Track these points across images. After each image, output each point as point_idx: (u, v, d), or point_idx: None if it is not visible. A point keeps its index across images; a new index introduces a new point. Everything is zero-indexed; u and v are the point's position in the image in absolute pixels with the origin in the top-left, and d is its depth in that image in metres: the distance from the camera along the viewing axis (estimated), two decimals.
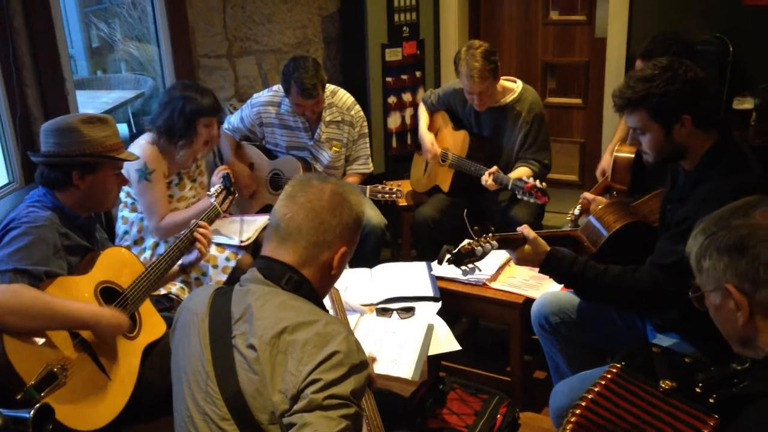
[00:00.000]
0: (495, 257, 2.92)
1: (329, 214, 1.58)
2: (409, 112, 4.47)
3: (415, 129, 3.92)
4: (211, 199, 2.77)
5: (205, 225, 2.51)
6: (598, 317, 2.43)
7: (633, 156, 2.92)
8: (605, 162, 3.33)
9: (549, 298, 2.55)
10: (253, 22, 4.07)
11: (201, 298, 1.61)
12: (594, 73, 4.43)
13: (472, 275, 2.52)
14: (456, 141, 3.61)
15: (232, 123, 3.67)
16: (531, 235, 2.27)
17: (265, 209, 3.60)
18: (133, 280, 2.25)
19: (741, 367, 1.49)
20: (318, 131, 3.56)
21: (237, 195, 3.05)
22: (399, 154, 4.43)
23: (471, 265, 2.34)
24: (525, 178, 3.11)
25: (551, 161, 3.48)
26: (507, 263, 2.98)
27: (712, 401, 1.56)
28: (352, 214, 1.62)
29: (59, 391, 1.90)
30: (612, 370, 1.77)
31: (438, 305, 2.72)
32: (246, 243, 3.05)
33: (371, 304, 2.77)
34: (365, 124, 3.69)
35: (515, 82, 3.49)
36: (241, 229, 3.10)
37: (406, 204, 3.87)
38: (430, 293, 2.80)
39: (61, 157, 2.17)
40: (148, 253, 2.96)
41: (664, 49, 2.85)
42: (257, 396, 1.43)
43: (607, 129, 4.29)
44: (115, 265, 2.28)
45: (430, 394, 2.77)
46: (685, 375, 1.68)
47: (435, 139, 3.72)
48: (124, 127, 4.75)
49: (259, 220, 3.23)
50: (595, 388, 1.72)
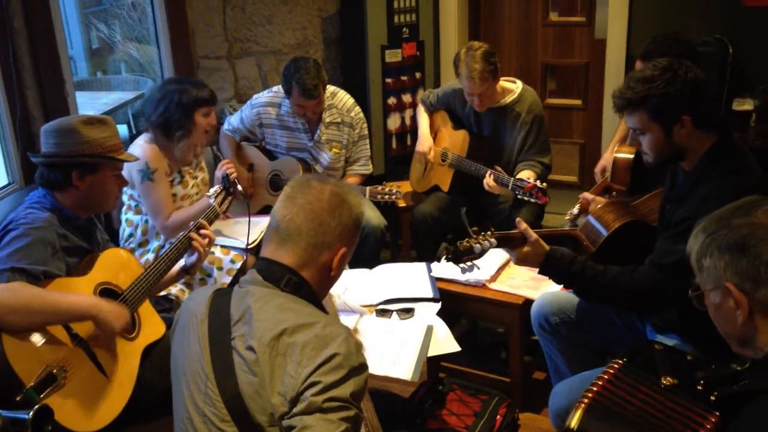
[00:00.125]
0: (494, 258, 2.92)
1: (329, 216, 1.58)
2: (408, 113, 4.47)
3: (415, 130, 3.91)
4: (210, 199, 2.77)
5: (205, 225, 2.51)
6: (597, 318, 2.43)
7: (632, 156, 2.92)
8: (605, 160, 3.33)
9: (549, 299, 2.55)
10: (253, 24, 4.07)
11: (200, 300, 1.61)
12: (594, 75, 4.44)
13: (471, 274, 2.52)
14: (456, 141, 3.61)
15: (232, 124, 3.67)
16: (532, 237, 2.27)
17: (265, 210, 3.59)
18: (132, 281, 2.25)
19: (741, 368, 1.49)
20: (318, 132, 3.56)
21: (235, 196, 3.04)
22: (399, 155, 4.43)
23: (470, 263, 2.33)
24: (525, 178, 3.11)
25: (552, 162, 3.48)
26: (506, 264, 2.98)
27: (713, 399, 1.56)
28: (352, 216, 1.62)
29: (58, 392, 1.89)
30: (614, 365, 1.76)
31: (437, 306, 2.72)
32: (252, 245, 3.04)
33: (371, 305, 2.77)
34: (365, 125, 3.69)
35: (515, 82, 3.49)
36: (246, 231, 3.10)
37: (406, 205, 3.87)
38: (430, 294, 2.79)
39: (61, 158, 2.17)
40: (151, 255, 2.95)
41: (664, 50, 2.85)
42: (256, 398, 1.43)
43: (607, 130, 4.29)
44: (114, 266, 2.27)
45: (429, 395, 2.77)
46: (687, 373, 1.69)
47: (434, 138, 3.72)
48: (123, 128, 4.74)
49: (263, 222, 3.22)
50: (598, 382, 1.72)
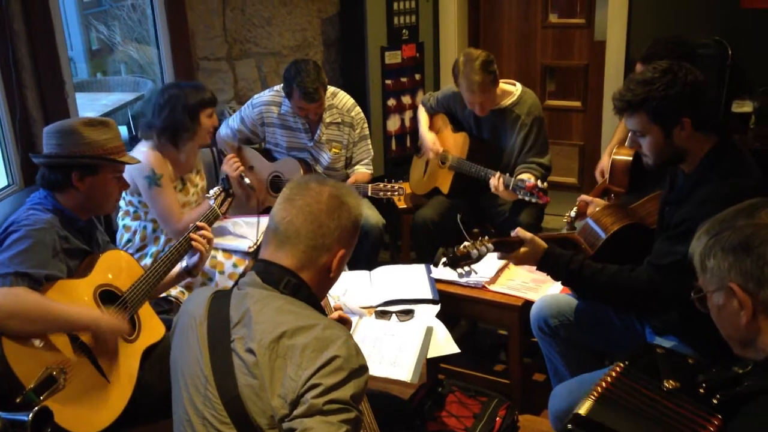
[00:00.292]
0: (493, 260, 2.92)
1: (327, 218, 1.58)
2: (408, 114, 4.48)
3: (415, 131, 3.92)
4: (210, 201, 2.77)
5: (204, 226, 2.51)
6: (596, 320, 2.43)
7: (631, 159, 2.92)
8: (604, 163, 3.34)
9: (548, 301, 2.55)
10: (252, 25, 4.08)
11: (199, 302, 1.61)
12: (593, 76, 4.44)
13: (469, 278, 2.52)
14: (456, 143, 3.61)
15: (231, 126, 3.67)
16: (527, 237, 2.27)
17: (266, 211, 3.59)
18: (132, 283, 2.25)
19: (743, 371, 1.49)
20: (318, 132, 3.56)
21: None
22: (398, 157, 4.43)
23: (467, 268, 2.34)
24: (526, 179, 3.11)
25: (551, 163, 3.48)
26: (506, 266, 2.98)
27: (715, 402, 1.56)
28: (351, 217, 1.62)
29: (58, 394, 1.89)
30: (616, 368, 1.76)
31: (437, 308, 2.72)
32: (252, 249, 3.03)
33: (370, 307, 2.76)
34: (365, 125, 3.69)
35: (514, 85, 3.49)
36: (246, 234, 3.10)
37: (406, 206, 3.87)
38: (429, 296, 2.79)
39: (62, 158, 2.17)
40: (149, 260, 2.95)
41: (665, 53, 2.85)
42: (256, 400, 1.43)
43: (606, 132, 4.29)
44: (114, 268, 2.27)
45: (429, 396, 2.76)
46: (689, 376, 1.68)
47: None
48: (123, 130, 4.75)
49: (263, 222, 3.21)
50: (607, 379, 1.71)
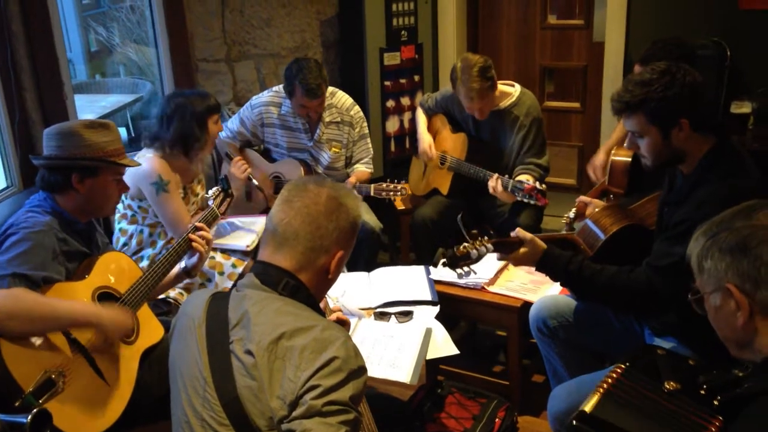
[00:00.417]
0: (493, 261, 2.92)
1: (326, 219, 1.58)
2: (407, 115, 4.48)
3: (414, 132, 3.92)
4: (209, 201, 2.77)
5: (203, 226, 2.51)
6: (596, 321, 2.43)
7: (629, 159, 2.92)
8: (599, 160, 3.33)
9: (547, 302, 2.55)
10: (251, 27, 4.08)
11: (198, 303, 1.61)
12: (592, 78, 4.44)
13: (468, 278, 2.52)
14: (455, 144, 3.61)
15: (231, 128, 3.67)
16: (527, 237, 2.28)
17: (266, 211, 3.59)
18: (131, 284, 2.25)
19: (742, 374, 1.49)
20: (318, 132, 3.56)
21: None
22: (397, 158, 4.43)
23: (466, 268, 2.34)
24: (525, 180, 3.11)
25: (549, 163, 3.48)
26: (505, 267, 2.98)
27: (716, 403, 1.56)
28: (349, 219, 1.62)
29: (57, 397, 1.89)
30: (617, 370, 1.76)
31: (436, 309, 2.72)
32: (251, 248, 3.03)
33: (369, 308, 2.76)
34: (365, 124, 3.70)
35: (513, 86, 3.49)
36: (244, 234, 3.09)
37: (405, 208, 3.87)
38: (429, 297, 2.79)
39: (62, 160, 2.17)
40: (146, 263, 2.95)
41: (663, 54, 2.85)
42: (255, 402, 1.43)
43: (605, 133, 4.29)
44: (113, 270, 2.27)
45: (428, 398, 2.76)
46: (689, 377, 1.69)
47: (434, 141, 3.72)
48: (122, 131, 4.76)
49: (260, 223, 3.21)
50: (608, 380, 1.72)
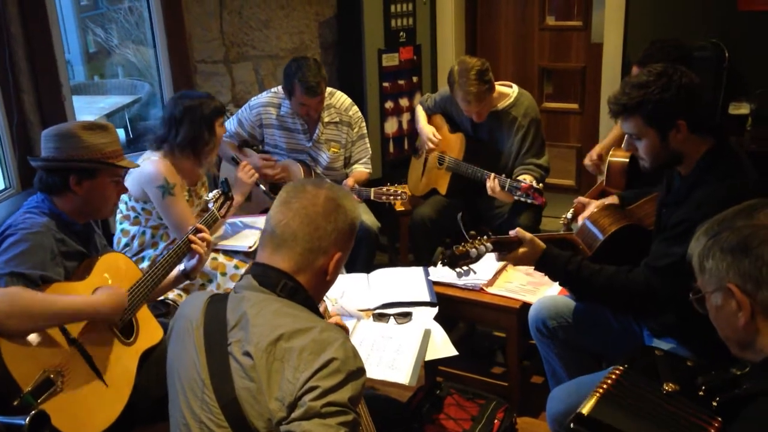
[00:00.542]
0: (492, 262, 2.92)
1: (324, 220, 1.58)
2: (406, 117, 4.48)
3: (413, 134, 3.92)
4: (209, 204, 2.77)
5: (203, 228, 2.51)
6: (595, 322, 2.43)
7: (627, 161, 2.93)
8: (596, 150, 3.35)
9: (546, 303, 2.55)
10: (249, 28, 4.08)
11: (196, 305, 1.61)
12: (590, 79, 4.45)
13: (468, 278, 2.52)
14: (453, 144, 3.61)
15: (229, 130, 3.66)
16: (527, 237, 2.28)
17: (266, 213, 3.58)
18: (130, 286, 2.25)
19: (741, 372, 1.49)
20: (317, 132, 3.56)
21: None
22: (396, 159, 4.43)
23: (466, 267, 2.34)
24: (522, 180, 3.11)
25: (549, 163, 3.48)
26: (504, 268, 2.98)
27: (715, 404, 1.56)
28: (347, 220, 1.62)
29: (55, 397, 1.89)
30: (615, 371, 1.77)
31: (435, 310, 2.72)
32: (253, 248, 3.03)
33: (368, 310, 2.77)
34: (364, 124, 3.70)
35: (511, 87, 3.49)
36: (248, 235, 3.09)
37: (404, 209, 3.87)
38: (427, 298, 2.79)
39: (59, 162, 2.17)
40: (147, 264, 2.94)
41: (661, 55, 2.86)
42: (254, 403, 1.43)
43: (604, 134, 4.28)
44: (113, 271, 2.27)
45: (427, 399, 2.76)
46: (688, 378, 1.69)
47: None
48: (121, 133, 4.76)
49: (261, 222, 3.21)
50: (608, 381, 1.72)
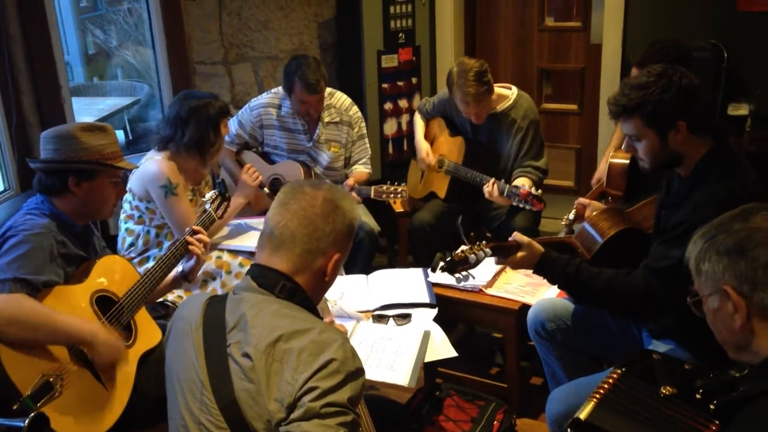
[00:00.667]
0: (490, 264, 2.92)
1: (322, 221, 1.58)
2: (405, 118, 4.48)
3: (412, 135, 3.92)
4: (206, 205, 2.77)
5: (200, 230, 2.51)
6: (593, 324, 2.43)
7: (628, 162, 2.93)
8: (601, 171, 3.34)
9: (545, 305, 2.55)
10: (249, 29, 4.08)
11: (194, 307, 1.61)
12: (589, 80, 4.45)
13: (467, 283, 2.52)
14: (452, 148, 3.61)
15: (230, 132, 3.66)
16: (525, 241, 2.28)
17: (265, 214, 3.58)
18: (129, 288, 2.25)
19: (739, 374, 1.49)
20: (317, 132, 3.57)
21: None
22: (395, 161, 4.43)
23: (465, 273, 2.34)
24: (520, 185, 3.11)
25: (547, 165, 3.48)
26: (503, 270, 2.98)
27: (712, 407, 1.56)
28: (345, 221, 1.62)
29: (55, 400, 1.89)
30: (613, 375, 1.77)
31: (434, 312, 2.72)
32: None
33: (368, 311, 2.76)
34: (363, 124, 3.70)
35: (510, 88, 3.49)
36: (249, 235, 3.10)
37: (403, 210, 3.87)
38: (427, 300, 2.79)
39: (58, 163, 2.17)
40: (151, 264, 2.94)
41: (661, 56, 2.86)
42: (253, 404, 1.43)
43: (603, 135, 4.30)
44: (111, 273, 2.27)
45: (426, 400, 2.76)
46: (686, 382, 1.69)
47: (431, 146, 3.73)
48: (120, 134, 4.75)
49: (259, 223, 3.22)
50: (604, 385, 1.72)
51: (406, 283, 2.94)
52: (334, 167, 3.64)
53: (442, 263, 2.31)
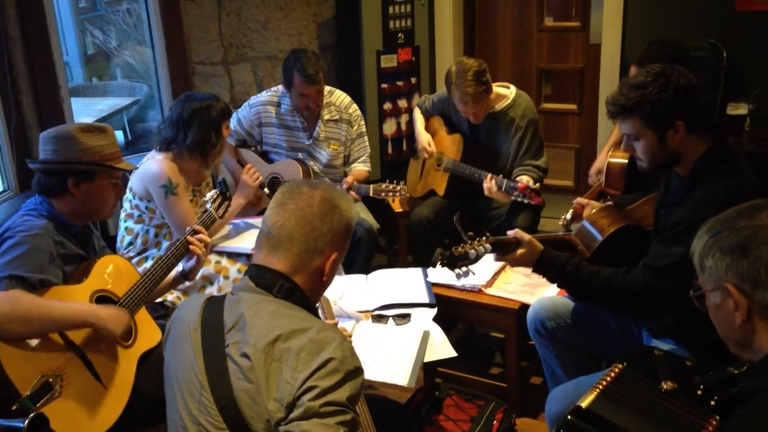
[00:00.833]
0: (490, 263, 2.92)
1: (320, 221, 1.58)
2: (404, 118, 4.48)
3: (411, 135, 3.92)
4: (207, 204, 2.77)
5: (201, 229, 2.51)
6: (593, 322, 2.43)
7: (626, 161, 2.93)
8: (600, 161, 3.34)
9: (545, 303, 2.55)
10: (248, 29, 4.08)
11: (192, 308, 1.61)
12: (589, 79, 4.45)
13: (467, 279, 2.52)
14: (451, 145, 3.62)
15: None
16: (525, 238, 2.28)
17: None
18: (128, 288, 2.25)
19: (738, 371, 1.50)
20: (317, 130, 3.57)
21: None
22: (395, 160, 4.44)
23: (465, 269, 2.34)
24: (519, 180, 3.11)
25: (547, 164, 3.48)
26: (502, 269, 2.98)
27: (712, 403, 1.57)
28: (343, 220, 1.62)
29: (54, 400, 1.89)
30: (615, 369, 1.77)
31: (434, 311, 2.72)
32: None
33: (367, 311, 2.76)
34: (363, 122, 3.71)
35: (508, 88, 3.49)
36: (247, 237, 3.10)
37: (402, 210, 3.88)
38: (426, 300, 2.79)
39: (57, 164, 2.17)
40: (150, 264, 2.94)
41: (659, 55, 2.86)
42: (252, 404, 1.43)
43: (602, 134, 4.30)
44: (111, 273, 2.27)
45: (426, 400, 2.76)
46: (686, 378, 1.69)
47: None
48: (119, 134, 4.76)
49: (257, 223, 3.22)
50: (606, 378, 1.72)
51: (406, 283, 2.94)
52: (333, 165, 3.65)
53: (442, 258, 2.31)
